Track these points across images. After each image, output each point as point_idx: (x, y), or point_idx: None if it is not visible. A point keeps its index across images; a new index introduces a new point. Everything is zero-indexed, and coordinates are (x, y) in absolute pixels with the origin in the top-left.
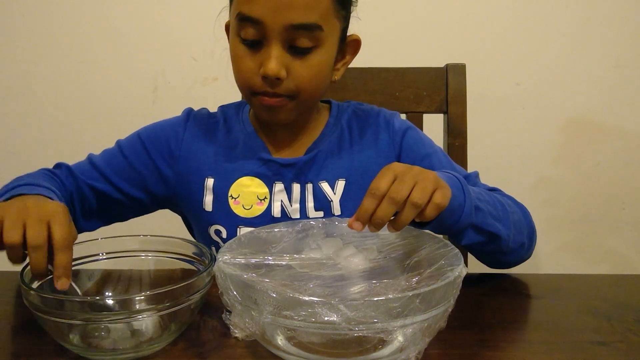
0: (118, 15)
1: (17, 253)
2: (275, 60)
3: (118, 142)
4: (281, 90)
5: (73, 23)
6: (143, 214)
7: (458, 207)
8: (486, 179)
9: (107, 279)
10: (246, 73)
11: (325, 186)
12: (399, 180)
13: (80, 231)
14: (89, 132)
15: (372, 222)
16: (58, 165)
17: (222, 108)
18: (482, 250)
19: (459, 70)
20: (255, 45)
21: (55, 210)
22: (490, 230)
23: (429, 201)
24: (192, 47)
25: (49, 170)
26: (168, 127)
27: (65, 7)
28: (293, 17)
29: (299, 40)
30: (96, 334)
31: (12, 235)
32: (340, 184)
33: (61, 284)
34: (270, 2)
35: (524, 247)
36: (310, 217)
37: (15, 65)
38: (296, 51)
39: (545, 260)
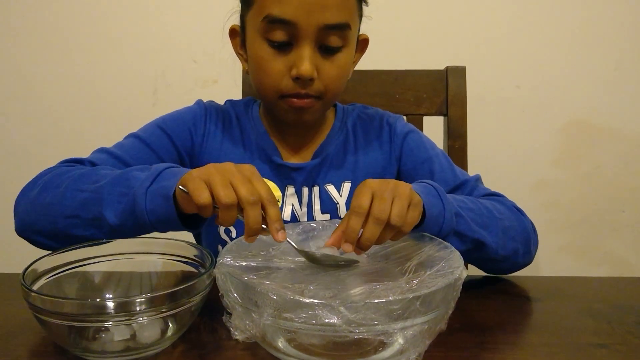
0: (118, 17)
1: (234, 212)
2: (308, 61)
3: (135, 135)
4: (312, 91)
5: (73, 25)
6: None
7: (438, 215)
8: (486, 181)
9: (107, 282)
10: (275, 75)
11: (331, 189)
12: (379, 198)
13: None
14: (90, 134)
15: (360, 245)
16: (79, 161)
17: (232, 103)
18: (469, 258)
19: (459, 72)
20: (284, 46)
21: (250, 169)
22: (474, 237)
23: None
24: (192, 50)
25: (67, 164)
26: (188, 119)
27: (65, 10)
28: (327, 17)
29: (329, 40)
30: (96, 336)
31: (229, 195)
32: (347, 187)
33: (282, 235)
34: (304, 3)
35: (518, 253)
36: (317, 219)
37: (15, 68)
38: (326, 51)
39: (545, 262)
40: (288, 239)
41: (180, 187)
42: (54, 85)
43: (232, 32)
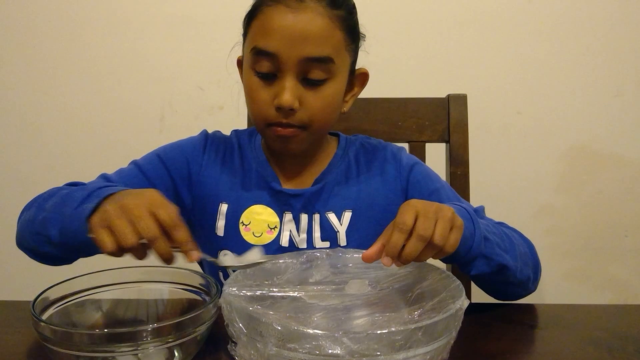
0: (126, 45)
1: (141, 251)
2: (289, 92)
3: (135, 162)
4: (294, 120)
5: (81, 52)
6: None
7: (469, 237)
8: (488, 208)
9: (114, 310)
10: (261, 104)
11: (332, 217)
12: (423, 217)
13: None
14: (96, 160)
15: (401, 259)
16: (76, 184)
17: (236, 133)
18: (491, 280)
19: (460, 100)
20: (270, 77)
21: (150, 196)
22: (499, 261)
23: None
24: (198, 77)
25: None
26: (188, 149)
27: (73, 36)
28: (308, 50)
29: (312, 72)
30: None
31: (129, 238)
32: (347, 215)
33: (194, 255)
34: (286, 36)
35: (530, 279)
36: (317, 247)
37: (22, 95)
38: (309, 83)
39: (548, 287)
40: (204, 255)
41: (89, 235)
42: (62, 111)
43: (239, 63)
